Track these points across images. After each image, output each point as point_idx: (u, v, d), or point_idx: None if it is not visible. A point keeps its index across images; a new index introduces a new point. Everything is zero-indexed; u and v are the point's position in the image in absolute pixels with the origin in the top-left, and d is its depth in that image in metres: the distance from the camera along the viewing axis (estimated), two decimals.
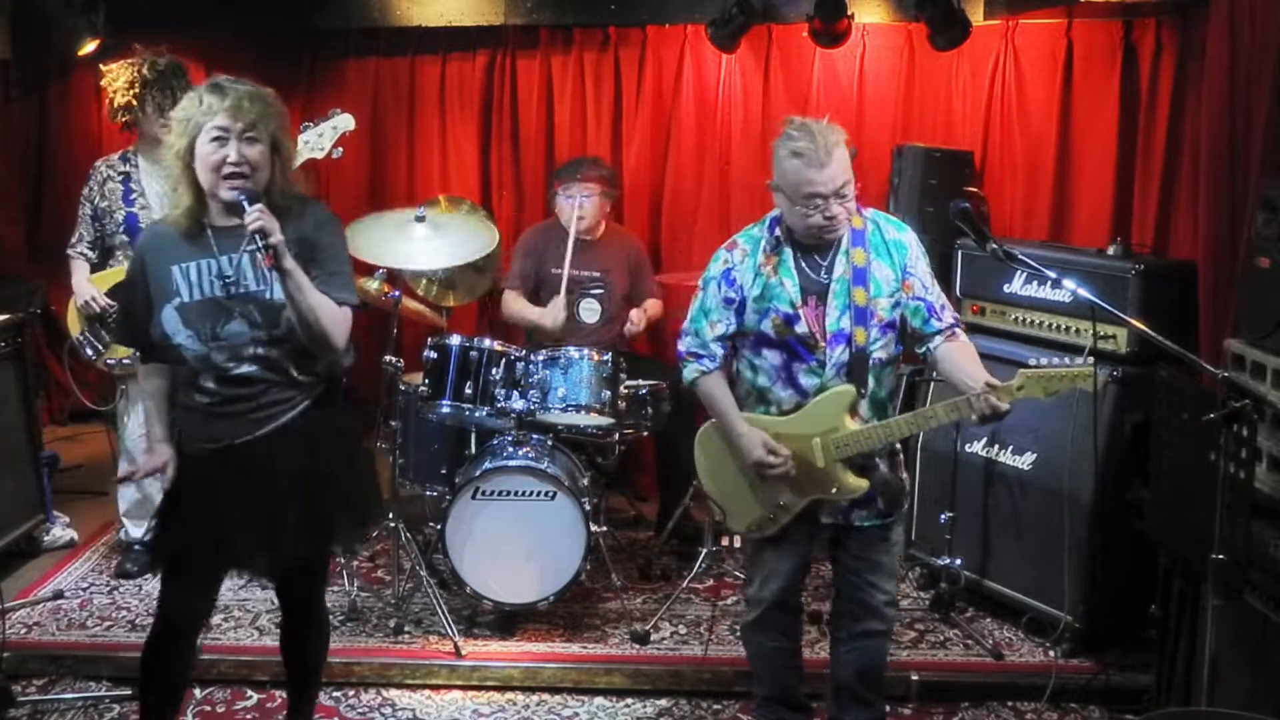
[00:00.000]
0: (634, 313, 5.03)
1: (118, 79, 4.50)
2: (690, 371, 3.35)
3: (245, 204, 2.86)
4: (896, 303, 3.21)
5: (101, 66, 4.67)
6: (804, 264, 3.21)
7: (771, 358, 3.23)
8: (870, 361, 3.19)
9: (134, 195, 4.55)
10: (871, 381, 3.21)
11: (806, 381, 3.20)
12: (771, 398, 3.26)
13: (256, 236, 2.83)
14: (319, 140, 4.61)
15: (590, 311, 5.06)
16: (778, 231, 3.24)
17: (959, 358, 3.21)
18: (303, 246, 2.97)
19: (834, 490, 3.22)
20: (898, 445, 3.32)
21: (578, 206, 4.93)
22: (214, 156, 2.90)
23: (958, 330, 3.26)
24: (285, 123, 3.05)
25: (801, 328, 3.17)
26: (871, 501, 3.27)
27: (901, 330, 3.26)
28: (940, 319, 3.24)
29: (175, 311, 2.97)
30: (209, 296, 2.97)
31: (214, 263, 2.97)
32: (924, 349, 3.27)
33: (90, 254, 4.58)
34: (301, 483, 3.04)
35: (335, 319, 2.98)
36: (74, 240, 4.59)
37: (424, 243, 4.48)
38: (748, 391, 3.32)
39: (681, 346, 3.38)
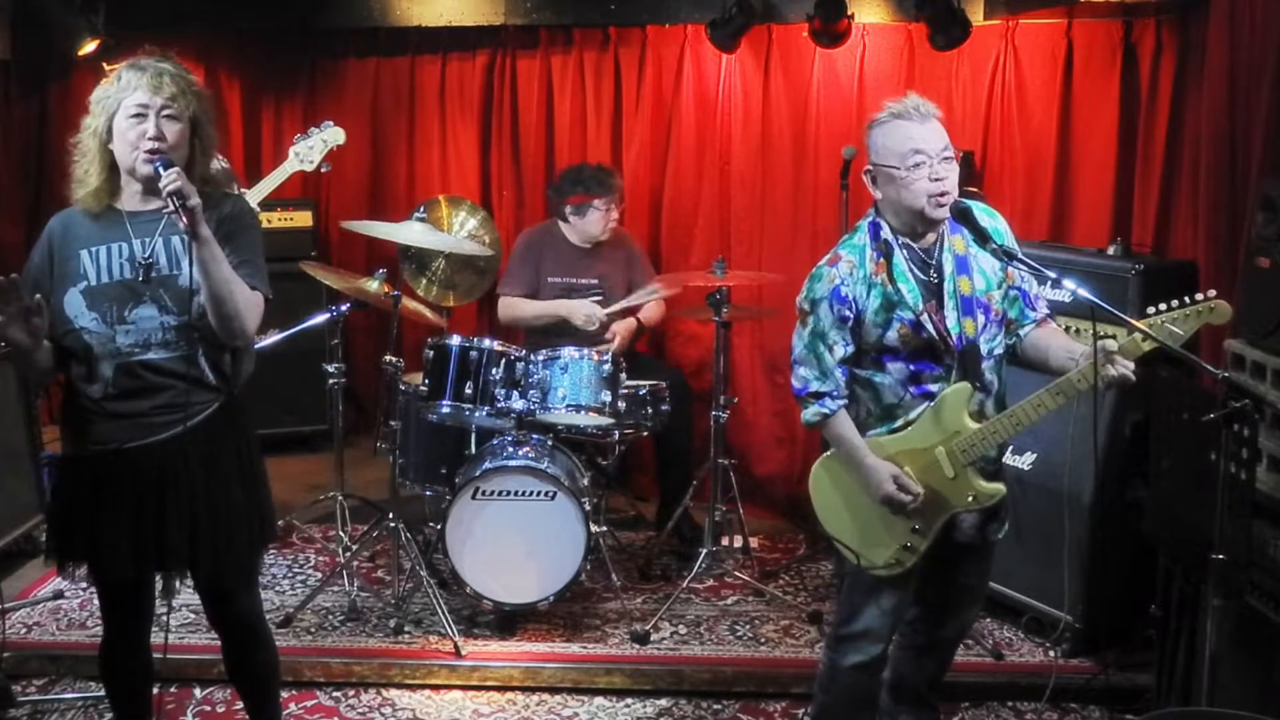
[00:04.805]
0: (617, 326, 4.99)
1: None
2: (812, 415, 3.05)
3: (160, 169, 2.77)
4: (1005, 293, 3.05)
5: (105, 65, 4.67)
6: (915, 267, 2.99)
7: (896, 371, 3.00)
8: (984, 354, 2.99)
9: None
10: (993, 378, 3.03)
11: (937, 389, 2.99)
12: (900, 413, 3.02)
13: (173, 198, 2.73)
14: (309, 153, 4.62)
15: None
16: (883, 234, 3.00)
17: (1056, 335, 3.08)
18: (218, 233, 2.86)
19: (970, 499, 3.02)
20: None
21: (611, 218, 5.02)
22: (132, 132, 2.84)
23: (1049, 318, 3.11)
24: (208, 107, 2.97)
25: (928, 333, 2.95)
26: (1000, 511, 3.12)
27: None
28: (1035, 309, 3.10)
29: (80, 295, 2.87)
30: (118, 279, 2.88)
31: (125, 246, 2.89)
32: (1013, 340, 3.09)
33: None
34: (190, 499, 2.92)
35: (248, 300, 2.88)
36: None
37: (423, 234, 4.54)
38: (868, 413, 3.06)
39: (798, 383, 3.06)
